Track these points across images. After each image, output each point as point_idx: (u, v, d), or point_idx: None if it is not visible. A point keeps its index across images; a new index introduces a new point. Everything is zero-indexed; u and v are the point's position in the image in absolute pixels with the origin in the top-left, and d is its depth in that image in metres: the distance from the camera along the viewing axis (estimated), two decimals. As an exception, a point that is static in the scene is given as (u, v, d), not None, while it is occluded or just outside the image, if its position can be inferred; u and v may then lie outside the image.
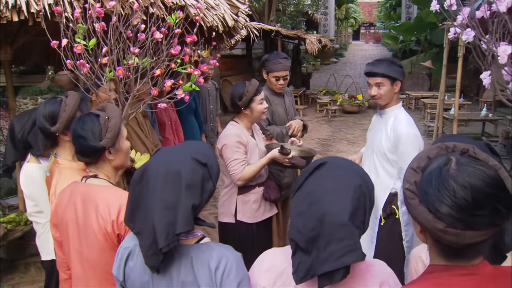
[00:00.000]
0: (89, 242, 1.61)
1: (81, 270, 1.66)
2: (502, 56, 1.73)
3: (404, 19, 23.84)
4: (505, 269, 0.99)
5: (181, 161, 1.26)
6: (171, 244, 1.18)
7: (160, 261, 1.20)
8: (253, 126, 2.86)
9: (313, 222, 1.15)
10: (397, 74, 2.51)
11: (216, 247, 1.28)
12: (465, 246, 0.92)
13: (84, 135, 1.64)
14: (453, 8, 2.03)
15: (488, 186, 0.90)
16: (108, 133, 1.65)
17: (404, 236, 2.48)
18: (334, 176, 1.22)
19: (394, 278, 1.25)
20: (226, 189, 2.80)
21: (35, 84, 9.31)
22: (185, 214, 1.19)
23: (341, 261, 1.10)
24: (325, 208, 1.15)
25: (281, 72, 3.19)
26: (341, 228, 1.12)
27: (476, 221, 0.89)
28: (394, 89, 2.54)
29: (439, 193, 0.92)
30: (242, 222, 2.75)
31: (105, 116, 1.68)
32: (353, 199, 1.16)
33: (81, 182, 1.69)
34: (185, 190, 1.21)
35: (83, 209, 1.62)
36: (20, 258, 3.88)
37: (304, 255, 1.16)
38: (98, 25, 2.04)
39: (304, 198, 1.21)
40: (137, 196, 1.27)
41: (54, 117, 1.99)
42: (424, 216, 0.93)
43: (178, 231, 1.18)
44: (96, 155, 1.68)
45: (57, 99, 2.06)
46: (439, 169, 0.95)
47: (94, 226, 1.59)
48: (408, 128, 2.43)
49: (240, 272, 1.25)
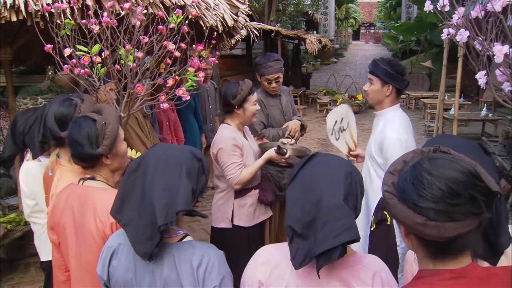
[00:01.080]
0: (87, 245, 1.60)
1: (79, 273, 1.65)
2: (498, 55, 1.72)
3: (404, 19, 23.83)
4: (494, 271, 0.99)
5: (180, 152, 1.32)
6: (170, 224, 1.20)
7: (154, 245, 1.20)
8: (244, 128, 2.80)
9: (309, 207, 1.19)
10: (388, 78, 2.42)
11: (198, 245, 1.30)
12: (449, 240, 0.92)
13: (80, 141, 1.60)
14: (446, 9, 2.03)
15: (461, 175, 0.92)
16: (105, 140, 1.62)
17: (399, 242, 2.39)
18: (325, 165, 1.28)
19: (387, 271, 1.26)
20: (221, 193, 2.72)
21: (35, 84, 9.32)
22: (185, 194, 1.23)
23: (339, 239, 1.13)
24: (320, 192, 1.19)
25: (271, 75, 3.16)
26: (337, 208, 1.16)
27: (454, 211, 0.90)
28: (385, 92, 2.44)
29: (414, 187, 0.93)
30: (238, 227, 2.69)
31: (102, 120, 1.64)
32: (345, 184, 1.21)
33: (78, 185, 1.68)
34: (186, 175, 1.26)
35: (81, 211, 1.61)
36: (20, 258, 3.88)
37: (301, 240, 1.18)
38: (96, 26, 2.05)
39: (298, 186, 1.26)
40: (130, 185, 1.29)
41: (66, 122, 1.89)
42: (404, 213, 0.94)
43: (178, 209, 1.21)
44: (92, 161, 1.66)
45: (72, 102, 1.97)
46: (413, 166, 0.98)
47: (92, 228, 1.58)
48: (393, 133, 2.32)
49: (222, 270, 1.27)
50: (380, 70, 2.43)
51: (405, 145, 2.27)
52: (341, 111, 2.94)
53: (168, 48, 2.13)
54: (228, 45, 4.71)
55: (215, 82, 5.52)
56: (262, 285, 1.27)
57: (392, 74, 2.41)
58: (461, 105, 9.34)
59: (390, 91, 2.44)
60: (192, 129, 4.87)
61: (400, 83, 2.43)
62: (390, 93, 2.44)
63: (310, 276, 1.22)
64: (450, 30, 2.08)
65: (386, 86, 2.44)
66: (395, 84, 2.42)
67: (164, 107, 2.31)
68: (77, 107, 1.92)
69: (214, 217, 2.77)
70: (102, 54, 2.11)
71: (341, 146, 2.91)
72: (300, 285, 1.23)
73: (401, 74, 2.43)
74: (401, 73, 2.43)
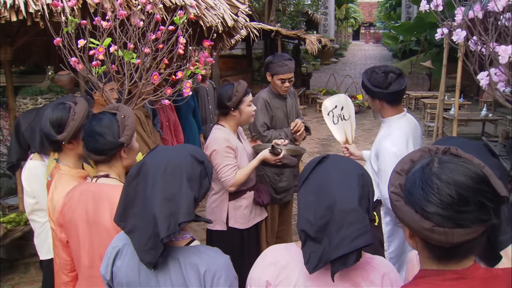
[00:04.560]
0: (102, 240, 1.60)
1: (90, 270, 1.65)
2: (503, 56, 1.72)
3: (404, 19, 23.81)
4: (496, 272, 0.98)
5: (180, 157, 1.28)
6: (173, 235, 1.18)
7: (158, 255, 1.19)
8: (238, 129, 2.75)
9: (322, 211, 1.17)
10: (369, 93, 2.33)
11: (204, 250, 1.29)
12: (455, 245, 0.91)
13: (102, 131, 1.64)
14: (439, 8, 2.02)
15: (472, 181, 0.90)
16: (126, 130, 1.67)
17: (387, 247, 2.37)
18: (337, 167, 1.26)
19: (395, 273, 1.26)
20: (215, 195, 2.68)
21: (35, 84, 9.29)
22: (187, 204, 1.21)
23: (354, 244, 1.12)
24: (334, 196, 1.18)
25: (287, 74, 3.14)
26: (352, 212, 1.15)
27: (463, 218, 0.88)
28: (377, 105, 2.36)
29: (423, 192, 0.91)
30: (233, 229, 2.66)
31: (121, 114, 1.70)
32: (358, 186, 1.20)
33: (91, 182, 1.69)
34: (186, 182, 1.23)
35: (95, 208, 1.62)
36: (20, 258, 3.88)
37: (315, 244, 1.17)
38: (105, 23, 2.07)
39: (311, 189, 1.24)
40: (132, 192, 1.27)
41: (62, 125, 1.88)
42: (411, 217, 0.93)
43: (180, 221, 1.19)
44: (113, 152, 1.68)
45: (65, 105, 1.96)
46: (421, 169, 0.95)
47: (107, 224, 1.59)
48: (391, 146, 2.23)
49: (229, 275, 1.26)
50: (363, 85, 2.36)
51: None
52: (340, 99, 2.91)
53: (179, 41, 2.16)
54: (228, 45, 4.71)
55: (214, 82, 5.52)
56: (269, 285, 1.27)
57: (369, 89, 2.31)
58: (461, 105, 9.34)
59: (380, 104, 2.35)
60: (191, 130, 4.88)
61: (382, 96, 2.29)
62: (382, 105, 2.35)
63: (319, 278, 1.21)
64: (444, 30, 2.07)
65: (375, 101, 2.37)
66: (378, 98, 2.32)
67: (165, 102, 2.31)
68: (71, 109, 1.91)
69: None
70: (110, 49, 2.13)
71: (338, 133, 2.88)
72: (309, 286, 1.22)
73: (379, 86, 2.27)
74: (380, 85, 2.27)
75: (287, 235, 3.55)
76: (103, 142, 1.64)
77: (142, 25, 2.17)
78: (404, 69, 16.00)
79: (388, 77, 2.26)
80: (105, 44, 2.09)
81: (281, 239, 3.45)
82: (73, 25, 2.10)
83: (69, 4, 2.21)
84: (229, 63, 13.88)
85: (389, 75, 2.26)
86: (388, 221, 2.39)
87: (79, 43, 2.09)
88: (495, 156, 1.32)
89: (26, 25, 2.57)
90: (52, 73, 9.09)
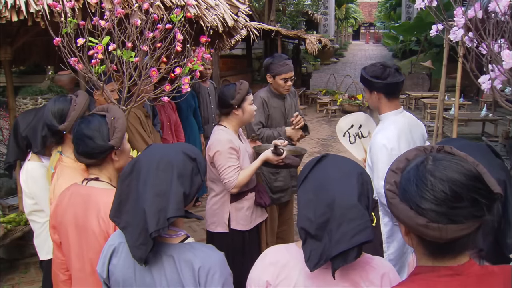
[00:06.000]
0: (90, 244, 1.60)
1: (81, 272, 1.65)
2: (507, 60, 1.70)
3: (404, 19, 23.81)
4: (491, 269, 0.99)
5: (172, 154, 1.30)
6: (162, 231, 1.19)
7: (148, 251, 1.20)
8: (239, 130, 2.75)
9: (322, 208, 1.18)
10: (367, 84, 2.38)
11: (199, 247, 1.29)
12: (449, 241, 0.92)
13: (91, 134, 1.61)
14: (433, 4, 2.03)
15: (465, 178, 0.92)
16: (116, 133, 1.64)
17: (386, 248, 2.38)
18: (336, 166, 1.28)
19: (394, 273, 1.26)
20: (216, 197, 2.66)
21: (35, 84, 9.26)
22: (176, 200, 1.22)
23: (355, 240, 1.13)
24: (333, 193, 1.19)
25: (289, 73, 3.17)
26: (352, 209, 1.16)
27: (456, 214, 0.90)
28: (374, 98, 2.40)
29: (417, 188, 0.93)
30: (235, 231, 2.65)
31: (111, 116, 1.67)
32: (357, 184, 1.21)
33: (82, 185, 1.68)
34: (177, 179, 1.24)
35: (84, 211, 1.61)
36: (20, 258, 3.88)
37: (315, 242, 1.18)
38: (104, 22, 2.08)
39: (310, 188, 1.25)
40: (126, 189, 1.28)
41: (63, 115, 1.96)
42: (406, 213, 0.94)
43: (169, 216, 1.20)
44: (103, 155, 1.65)
45: (67, 97, 2.02)
46: (416, 166, 0.98)
47: (95, 229, 1.58)
48: (383, 139, 2.28)
49: (224, 272, 1.27)
50: (361, 78, 2.41)
51: (390, 153, 2.23)
52: (359, 118, 2.93)
53: (177, 37, 2.17)
54: (228, 45, 4.71)
55: (214, 82, 5.52)
56: (269, 285, 1.27)
57: (368, 80, 2.35)
58: (461, 105, 9.34)
59: (377, 97, 2.39)
60: (192, 130, 4.88)
61: (379, 87, 2.34)
62: (379, 98, 2.39)
63: (319, 277, 1.22)
64: (438, 26, 2.08)
65: (373, 93, 2.40)
66: (376, 89, 2.36)
67: (165, 100, 2.30)
68: (72, 100, 1.98)
69: (209, 222, 2.70)
70: (109, 48, 2.13)
71: (356, 151, 2.90)
72: (309, 285, 1.23)
73: (377, 77, 2.33)
74: (378, 76, 2.33)
75: (289, 235, 3.55)
76: (92, 146, 1.61)
77: (140, 23, 2.17)
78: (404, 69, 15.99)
79: (387, 69, 2.34)
80: (104, 43, 2.09)
81: (282, 239, 3.44)
82: (72, 25, 2.10)
83: (67, 5, 2.20)
84: (229, 63, 13.88)
85: (387, 68, 2.34)
86: (386, 221, 2.40)
87: (78, 42, 2.09)
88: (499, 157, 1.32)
89: (26, 25, 2.57)
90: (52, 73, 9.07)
